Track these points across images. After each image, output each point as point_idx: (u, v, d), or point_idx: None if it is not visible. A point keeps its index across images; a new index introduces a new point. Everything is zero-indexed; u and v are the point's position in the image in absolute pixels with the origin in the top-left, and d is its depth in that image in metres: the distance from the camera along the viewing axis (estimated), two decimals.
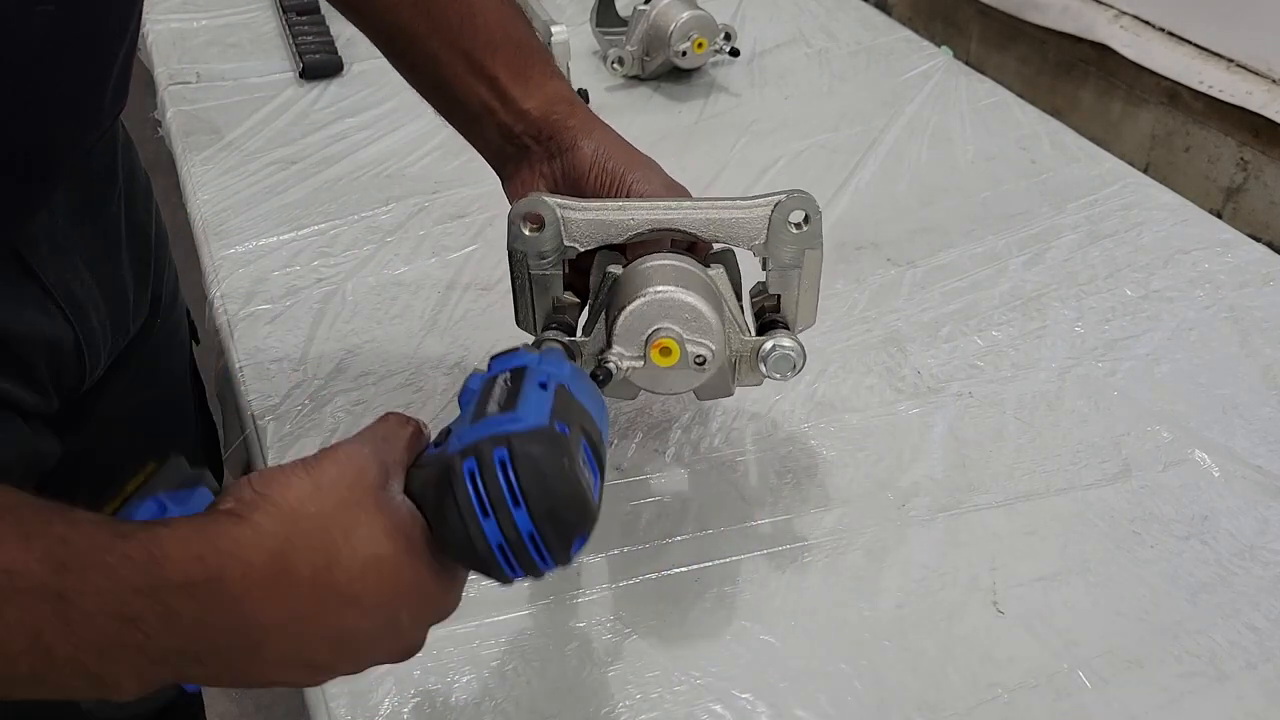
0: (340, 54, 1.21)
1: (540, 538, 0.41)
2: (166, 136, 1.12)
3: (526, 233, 0.62)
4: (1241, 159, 1.20)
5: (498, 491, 0.41)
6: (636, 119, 1.14)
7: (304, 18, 1.27)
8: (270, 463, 0.71)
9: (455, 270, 0.90)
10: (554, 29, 1.07)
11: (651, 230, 0.61)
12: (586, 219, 0.61)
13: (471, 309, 0.86)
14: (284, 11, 1.30)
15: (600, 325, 0.61)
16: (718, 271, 0.62)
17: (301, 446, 0.72)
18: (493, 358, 0.49)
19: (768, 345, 0.60)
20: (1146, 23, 1.27)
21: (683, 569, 0.65)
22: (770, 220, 0.61)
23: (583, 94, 1.13)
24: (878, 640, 0.61)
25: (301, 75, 1.19)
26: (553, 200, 0.61)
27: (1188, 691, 0.58)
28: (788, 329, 0.62)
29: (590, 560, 0.65)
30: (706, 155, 1.07)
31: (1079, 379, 0.78)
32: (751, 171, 1.04)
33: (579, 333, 0.63)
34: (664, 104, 1.17)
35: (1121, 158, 1.05)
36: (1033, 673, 0.59)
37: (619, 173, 0.63)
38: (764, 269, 0.63)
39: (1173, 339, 0.82)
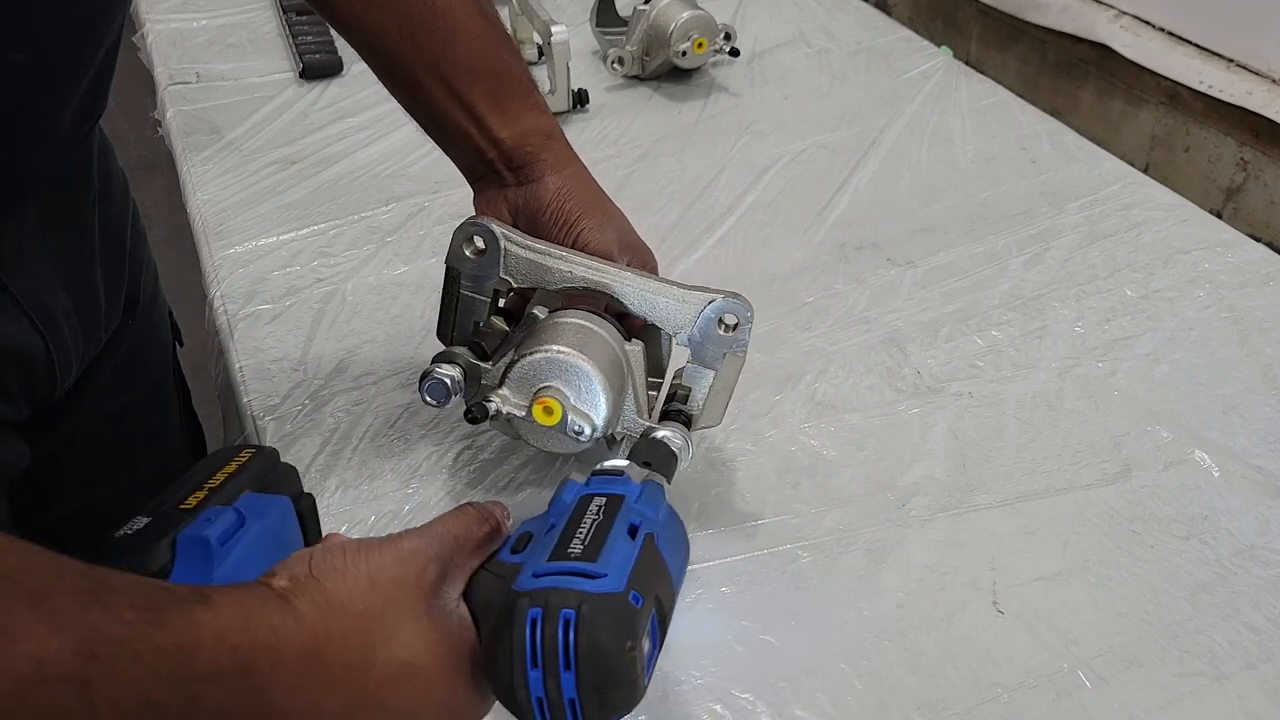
0: (340, 54, 1.21)
1: (580, 707, 0.40)
2: (166, 136, 1.12)
3: (467, 254, 0.63)
4: (1241, 159, 1.20)
5: (553, 650, 0.40)
6: (636, 119, 1.14)
7: (304, 18, 1.27)
8: None
9: None
10: (554, 29, 1.07)
11: (586, 288, 0.62)
12: (526, 257, 0.62)
13: None
14: (284, 11, 1.30)
15: (505, 360, 0.61)
16: (635, 349, 0.61)
17: (301, 446, 0.72)
18: (595, 471, 0.49)
19: (654, 435, 0.59)
20: (1146, 23, 1.27)
21: None
22: (700, 316, 0.60)
23: (582, 94, 1.13)
24: (878, 640, 0.61)
25: (301, 75, 1.19)
26: (499, 230, 0.62)
27: (1188, 691, 0.58)
28: (686, 423, 0.62)
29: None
30: (706, 155, 1.07)
31: (1079, 379, 0.78)
32: (751, 171, 1.04)
33: (490, 361, 0.63)
34: (664, 104, 1.17)
35: (1121, 158, 1.05)
36: (1033, 673, 0.59)
37: (573, 217, 0.64)
38: (687, 360, 0.63)
39: (1173, 339, 0.82)
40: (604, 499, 0.46)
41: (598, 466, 0.50)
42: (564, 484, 0.49)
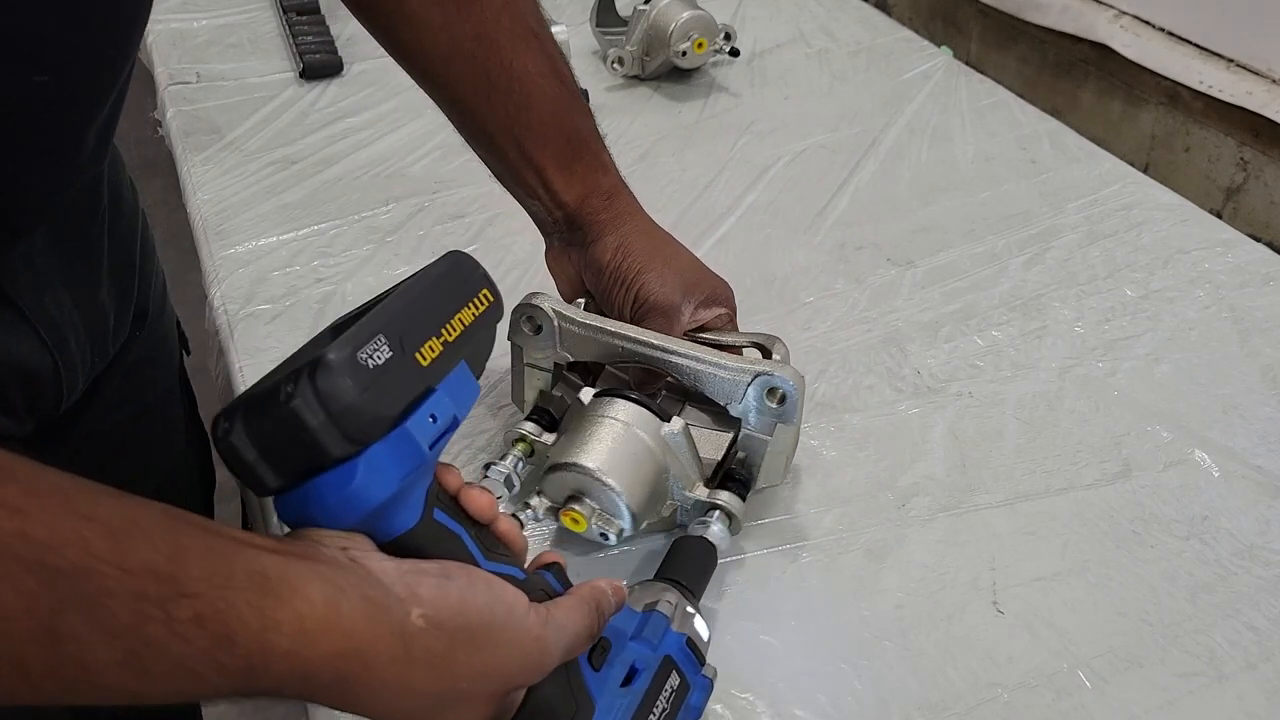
0: (340, 54, 1.21)
1: None
2: (166, 136, 1.12)
3: (525, 331, 0.64)
4: (1241, 159, 1.20)
5: None
6: (637, 119, 1.14)
7: (304, 18, 1.27)
8: None
9: None
10: (554, 29, 1.07)
11: (638, 361, 0.63)
12: (582, 335, 0.64)
13: None
14: (284, 11, 1.30)
15: (560, 447, 0.63)
16: (673, 429, 0.61)
17: None
18: (686, 642, 0.52)
19: (708, 515, 0.61)
20: (1146, 23, 1.27)
21: None
22: (748, 389, 0.61)
23: (582, 94, 1.12)
24: (878, 640, 0.61)
25: (301, 75, 1.19)
26: (553, 310, 0.63)
27: (1188, 691, 0.58)
28: (745, 485, 0.63)
29: (592, 560, 0.65)
30: (706, 155, 1.07)
31: (1079, 379, 0.78)
32: (751, 171, 1.04)
33: (556, 431, 0.66)
34: (664, 104, 1.17)
35: (1121, 158, 1.05)
36: (1033, 673, 0.59)
37: (632, 273, 0.66)
38: (740, 428, 0.63)
39: (1173, 339, 0.82)
40: (679, 680, 0.50)
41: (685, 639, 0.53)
42: (654, 614, 0.52)
